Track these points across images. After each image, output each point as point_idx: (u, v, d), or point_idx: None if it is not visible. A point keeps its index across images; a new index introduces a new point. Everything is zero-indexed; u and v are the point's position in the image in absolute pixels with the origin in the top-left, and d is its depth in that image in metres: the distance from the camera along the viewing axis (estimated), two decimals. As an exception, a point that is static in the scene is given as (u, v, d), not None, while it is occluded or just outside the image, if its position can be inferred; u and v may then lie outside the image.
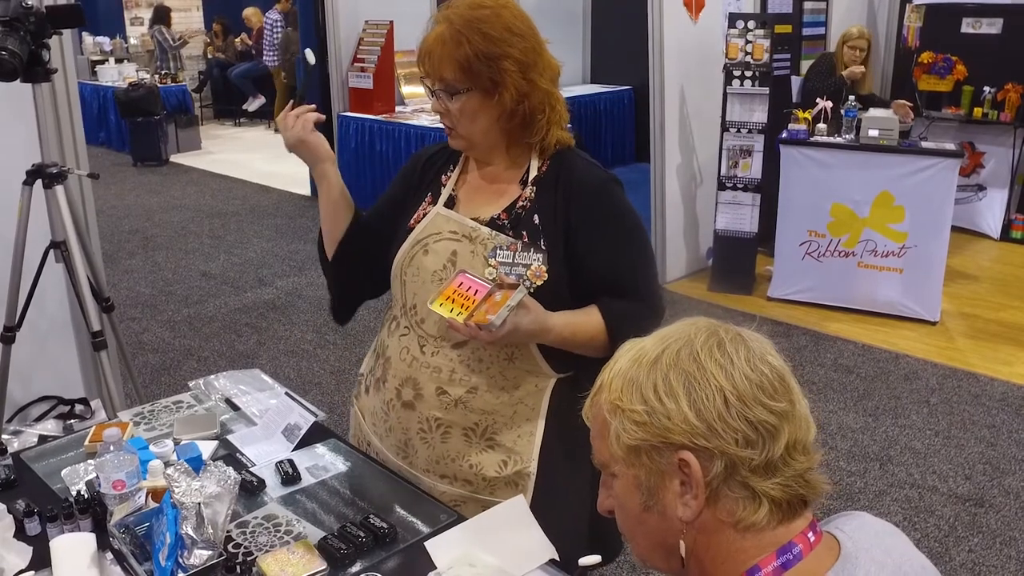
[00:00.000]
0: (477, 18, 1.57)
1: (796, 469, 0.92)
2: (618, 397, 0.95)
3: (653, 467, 0.94)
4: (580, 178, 1.65)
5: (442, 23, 1.59)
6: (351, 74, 7.08)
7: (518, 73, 1.58)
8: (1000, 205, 6.48)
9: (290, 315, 5.04)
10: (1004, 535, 3.07)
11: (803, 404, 0.95)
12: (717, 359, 0.93)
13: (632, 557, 2.92)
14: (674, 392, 0.92)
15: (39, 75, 2.52)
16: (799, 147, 4.95)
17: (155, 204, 7.67)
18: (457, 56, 1.56)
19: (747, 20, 5.07)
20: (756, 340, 0.96)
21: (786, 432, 0.91)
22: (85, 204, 3.11)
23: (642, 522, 0.98)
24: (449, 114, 1.62)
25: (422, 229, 1.69)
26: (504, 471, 1.67)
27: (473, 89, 1.58)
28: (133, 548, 1.46)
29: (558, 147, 1.67)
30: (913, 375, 4.28)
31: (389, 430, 1.75)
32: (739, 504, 0.92)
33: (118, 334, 3.08)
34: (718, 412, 0.90)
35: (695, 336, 0.95)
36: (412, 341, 1.69)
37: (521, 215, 1.64)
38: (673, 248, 5.60)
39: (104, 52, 11.01)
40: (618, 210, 1.66)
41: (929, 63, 6.46)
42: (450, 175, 1.75)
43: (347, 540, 1.48)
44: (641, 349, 0.98)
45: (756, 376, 0.92)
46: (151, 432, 1.91)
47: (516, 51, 1.59)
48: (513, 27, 1.59)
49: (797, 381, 0.96)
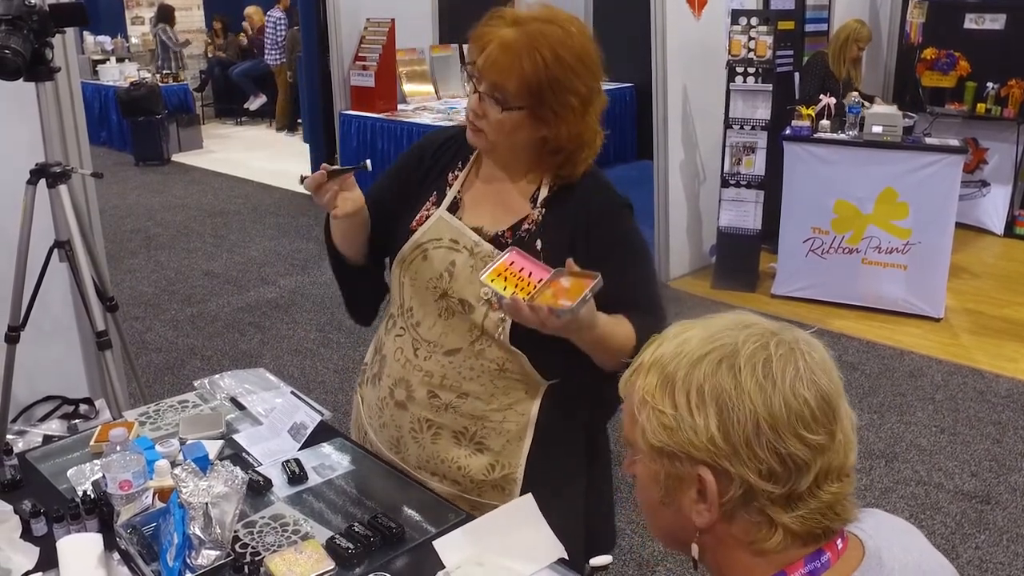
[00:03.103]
0: (555, 36, 1.47)
1: (823, 500, 0.87)
2: (651, 392, 0.91)
3: (672, 471, 0.91)
4: (593, 207, 1.59)
5: (511, 26, 1.48)
6: (353, 72, 7.07)
7: (580, 109, 1.51)
8: (1004, 201, 6.46)
9: (293, 314, 5.03)
10: (1011, 532, 3.06)
11: (847, 427, 0.89)
12: (759, 379, 0.86)
13: (636, 555, 2.92)
14: (705, 407, 0.87)
15: (42, 74, 2.51)
16: (802, 144, 4.94)
17: (157, 203, 7.67)
18: (524, 72, 1.46)
19: (750, 16, 5.06)
20: (810, 355, 0.89)
21: (817, 465, 0.86)
22: (89, 203, 3.11)
23: (658, 513, 0.96)
24: (485, 118, 1.53)
25: (423, 233, 1.64)
26: (492, 475, 1.66)
27: (527, 109, 1.50)
28: (140, 548, 1.45)
29: (572, 178, 1.60)
30: (918, 372, 4.27)
31: (383, 425, 1.75)
32: (754, 527, 0.89)
33: (122, 334, 3.07)
34: (746, 438, 0.85)
35: (743, 345, 0.88)
36: (406, 343, 1.68)
37: (524, 238, 1.58)
38: (676, 245, 5.59)
39: (105, 51, 11.00)
40: (627, 236, 1.62)
41: (932, 59, 6.44)
42: (457, 174, 1.68)
43: (355, 540, 1.48)
44: (686, 340, 0.92)
45: (797, 404, 0.85)
46: (157, 432, 1.90)
47: (583, 86, 1.50)
48: (585, 57, 1.51)
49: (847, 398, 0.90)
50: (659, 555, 2.92)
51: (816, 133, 4.97)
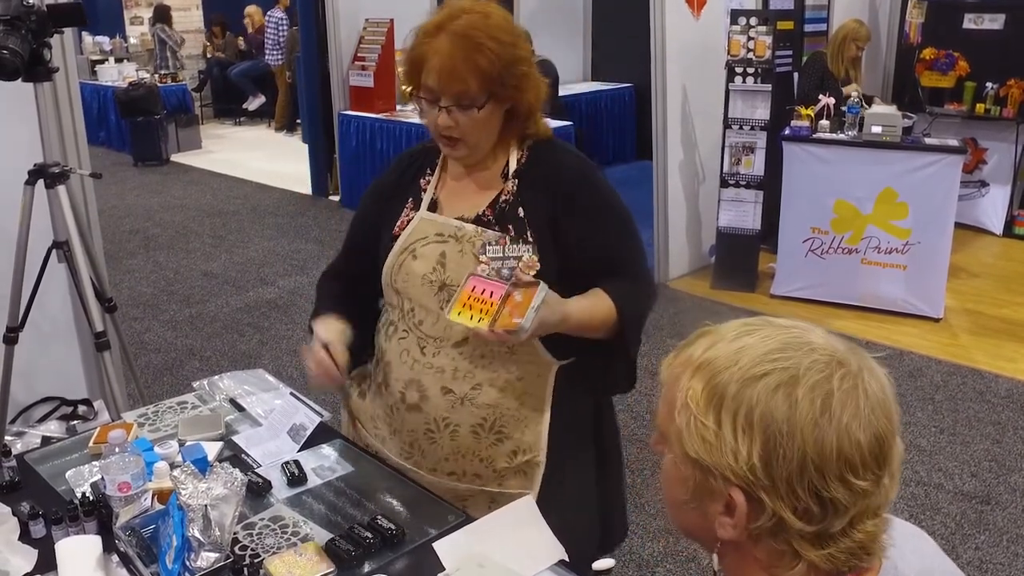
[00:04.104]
0: (481, 23, 1.53)
1: (855, 540, 0.83)
2: (696, 399, 0.85)
3: (704, 483, 0.86)
4: (562, 168, 1.66)
5: (441, 37, 1.53)
6: (352, 72, 7.07)
7: (529, 70, 1.57)
8: (1003, 201, 6.46)
9: (292, 314, 5.02)
10: (1011, 532, 3.06)
11: (895, 467, 0.85)
12: (815, 415, 0.80)
13: (636, 556, 2.91)
14: (752, 432, 0.81)
15: (41, 74, 2.51)
16: (802, 144, 4.94)
17: (156, 204, 7.66)
18: (481, 68, 1.51)
19: (749, 16, 5.05)
20: (872, 392, 0.83)
21: (856, 508, 0.82)
22: (87, 204, 3.10)
23: (682, 510, 0.91)
24: (459, 127, 1.57)
25: (408, 235, 1.67)
26: (514, 461, 1.69)
27: (493, 97, 1.55)
28: (139, 551, 1.45)
29: (537, 137, 1.67)
30: (917, 372, 4.27)
31: (393, 433, 1.74)
32: (777, 555, 0.85)
33: (121, 335, 3.07)
34: (789, 475, 0.80)
35: (805, 372, 0.82)
36: (412, 343, 1.68)
37: (505, 209, 1.64)
38: (675, 245, 5.59)
39: (104, 52, 10.98)
40: (605, 195, 1.68)
41: (931, 59, 6.44)
42: (429, 178, 1.73)
43: (355, 541, 1.47)
44: (743, 350, 0.85)
45: (849, 447, 0.80)
46: (155, 433, 1.89)
47: (522, 50, 1.58)
48: (509, 26, 1.58)
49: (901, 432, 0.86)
50: (659, 556, 2.91)
51: (815, 133, 4.97)
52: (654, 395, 1.84)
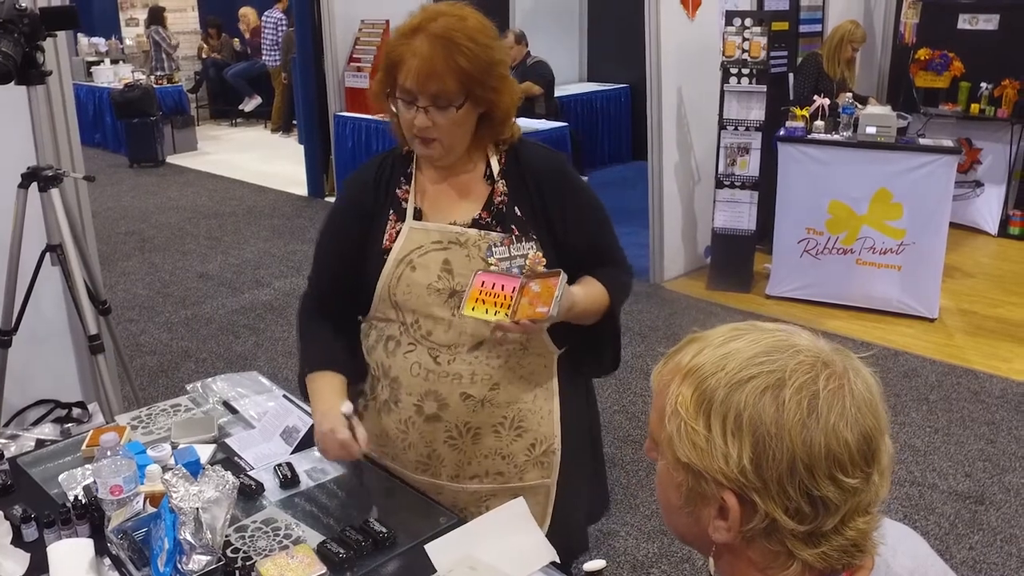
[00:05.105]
0: (459, 25, 1.54)
1: (848, 537, 0.85)
2: (685, 405, 0.86)
3: (696, 487, 0.87)
4: (540, 164, 1.70)
5: (419, 38, 1.54)
6: (347, 73, 7.07)
7: (506, 74, 1.60)
8: (997, 201, 6.48)
9: (287, 316, 5.02)
10: (1005, 532, 3.06)
11: (884, 464, 0.86)
12: (802, 416, 0.82)
13: (630, 557, 2.91)
14: (741, 436, 0.82)
15: (34, 77, 2.50)
16: (797, 144, 4.95)
17: (151, 205, 7.65)
18: (460, 68, 1.53)
19: (744, 17, 5.06)
20: (858, 392, 0.85)
21: (847, 506, 0.83)
22: (81, 207, 3.09)
23: (676, 514, 0.93)
24: (436, 127, 1.58)
25: (401, 247, 1.65)
26: (533, 453, 1.73)
27: (470, 98, 1.57)
28: (131, 554, 1.45)
29: (512, 140, 1.70)
30: (912, 372, 4.27)
31: (408, 447, 1.73)
32: (771, 555, 0.87)
33: (115, 337, 3.07)
34: (779, 475, 0.82)
35: (791, 374, 0.83)
36: (423, 355, 1.67)
37: (503, 210, 1.66)
38: (671, 246, 5.60)
39: (100, 53, 10.96)
40: (582, 186, 1.75)
41: (926, 59, 6.45)
42: (406, 187, 1.70)
43: (346, 544, 1.48)
44: (729, 355, 0.86)
45: (838, 446, 0.82)
46: (149, 436, 1.89)
47: (499, 53, 1.60)
48: (488, 29, 1.59)
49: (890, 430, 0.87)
50: (654, 557, 2.92)
51: (810, 134, 4.98)
52: (649, 396, 1.87)
